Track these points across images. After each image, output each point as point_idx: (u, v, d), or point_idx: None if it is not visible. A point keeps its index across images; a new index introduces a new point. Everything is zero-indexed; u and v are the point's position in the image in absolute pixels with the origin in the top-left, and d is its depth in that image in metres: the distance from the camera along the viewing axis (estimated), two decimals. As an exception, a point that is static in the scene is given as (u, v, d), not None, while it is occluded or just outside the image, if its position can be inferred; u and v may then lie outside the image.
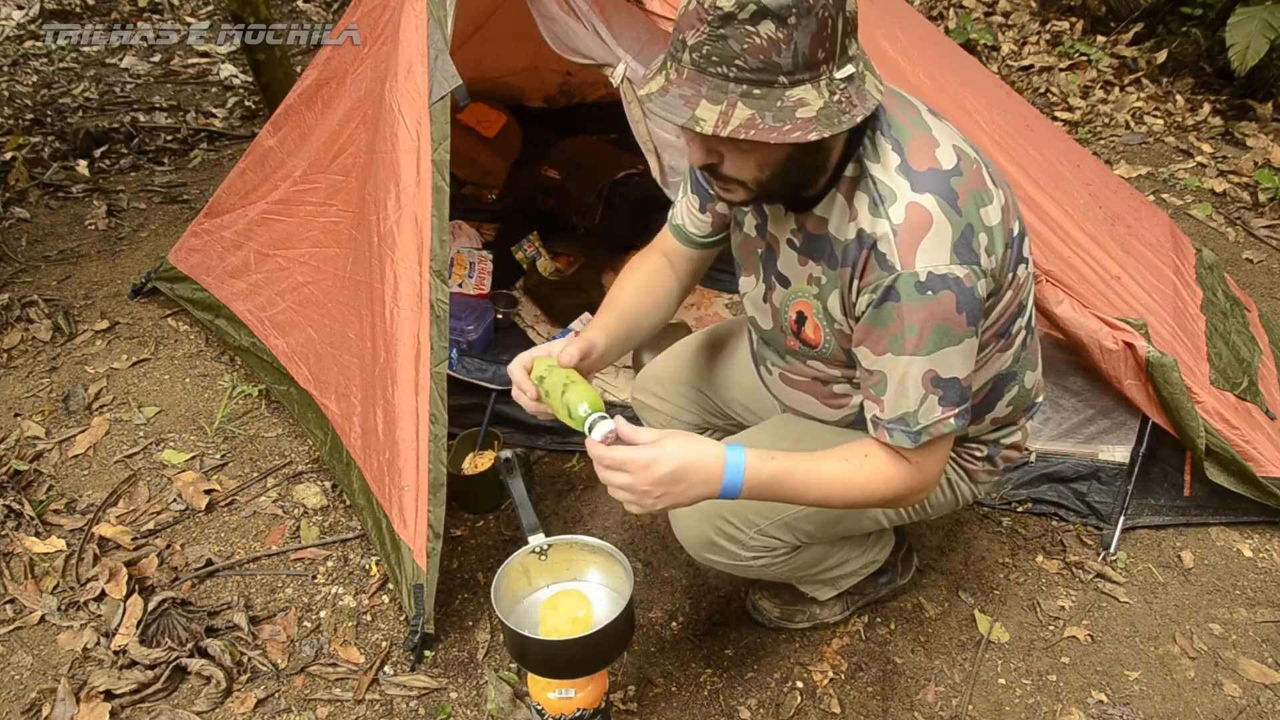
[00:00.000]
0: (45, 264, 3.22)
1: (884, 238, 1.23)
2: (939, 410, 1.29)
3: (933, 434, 1.30)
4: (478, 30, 3.25)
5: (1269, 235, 3.40)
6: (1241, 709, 1.75)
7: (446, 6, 1.89)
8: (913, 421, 1.30)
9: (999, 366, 1.47)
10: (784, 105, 1.13)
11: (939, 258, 1.22)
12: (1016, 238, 1.34)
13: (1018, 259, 1.35)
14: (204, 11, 5.77)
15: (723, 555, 1.57)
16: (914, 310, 1.23)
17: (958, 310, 1.23)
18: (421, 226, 1.87)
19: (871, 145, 1.26)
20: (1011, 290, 1.37)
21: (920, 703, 1.76)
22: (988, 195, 1.28)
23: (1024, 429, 1.63)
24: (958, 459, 1.61)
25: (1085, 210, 2.27)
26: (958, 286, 1.23)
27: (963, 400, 1.31)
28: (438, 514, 1.80)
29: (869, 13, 2.21)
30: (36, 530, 2.14)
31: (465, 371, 2.36)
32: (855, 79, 1.17)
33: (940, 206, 1.22)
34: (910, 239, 1.22)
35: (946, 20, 5.06)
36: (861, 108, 1.17)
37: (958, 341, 1.26)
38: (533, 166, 3.23)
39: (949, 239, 1.22)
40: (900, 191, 1.23)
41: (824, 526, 1.59)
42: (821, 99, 1.14)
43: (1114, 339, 1.95)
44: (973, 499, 1.68)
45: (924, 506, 1.65)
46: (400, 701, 1.77)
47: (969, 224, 1.24)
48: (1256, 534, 2.12)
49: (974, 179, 1.27)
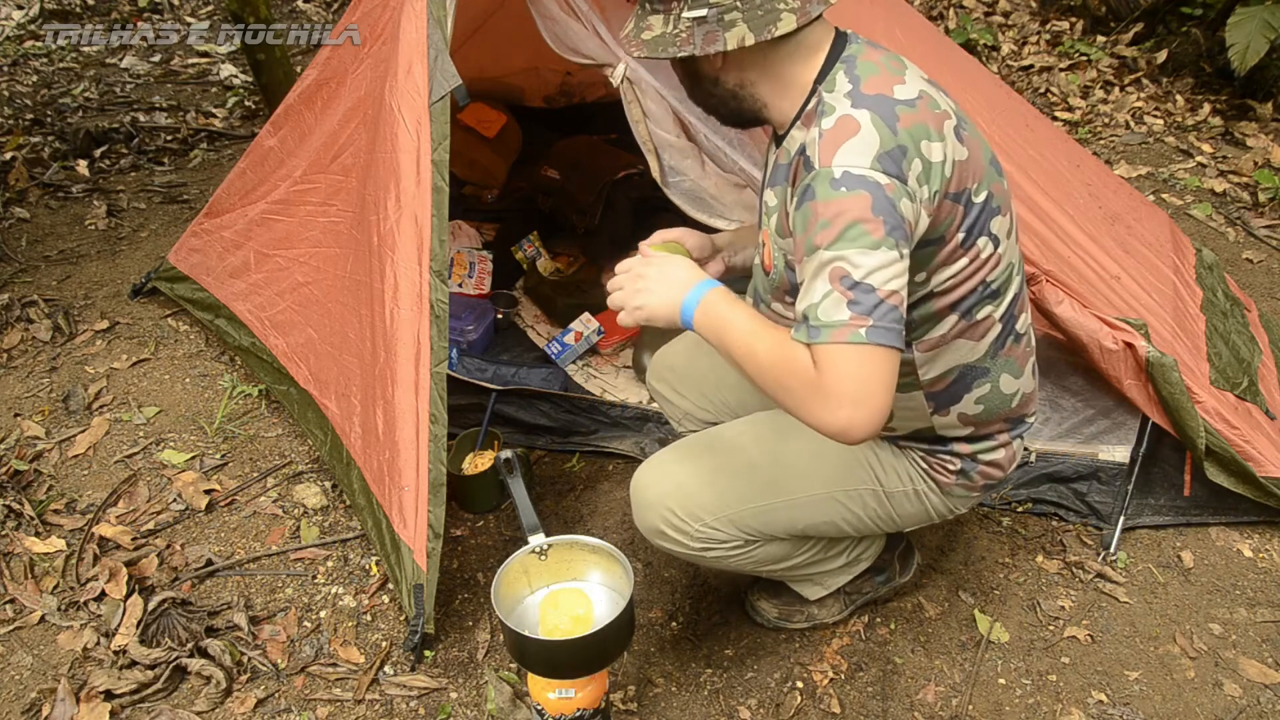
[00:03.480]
0: (45, 264, 3.22)
1: (811, 143, 1.30)
2: (846, 313, 1.22)
3: (835, 338, 1.22)
4: (478, 30, 3.25)
5: (1269, 235, 3.41)
6: (1241, 709, 1.75)
7: (446, 6, 1.89)
8: (813, 316, 1.24)
9: (965, 355, 1.46)
10: (640, 26, 1.40)
11: (859, 160, 1.24)
12: (980, 205, 1.35)
13: (979, 228, 1.36)
14: (204, 11, 5.78)
15: (673, 544, 1.58)
16: (827, 205, 1.24)
17: (873, 212, 1.22)
18: (421, 226, 1.87)
19: (830, 79, 1.35)
20: (969, 258, 1.37)
21: (920, 703, 1.76)
22: (937, 135, 1.30)
23: (1009, 448, 1.58)
24: (928, 468, 1.58)
25: (1085, 210, 2.27)
26: (875, 189, 1.23)
27: (885, 317, 1.23)
28: (438, 514, 1.80)
29: (869, 13, 2.22)
30: (36, 530, 2.14)
31: (465, 371, 2.36)
32: (707, 21, 1.33)
33: (873, 121, 1.26)
34: (833, 141, 1.27)
35: (946, 20, 5.06)
36: (697, 46, 1.34)
37: (873, 246, 1.22)
38: (533, 166, 3.23)
39: (874, 149, 1.25)
40: (839, 107, 1.30)
41: (771, 525, 1.59)
42: (663, 29, 1.36)
43: (1114, 339, 1.95)
44: (949, 513, 1.65)
45: (891, 516, 1.62)
46: (400, 701, 1.77)
47: (902, 145, 1.26)
48: (1256, 534, 2.12)
49: (930, 118, 1.30)
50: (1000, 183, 1.41)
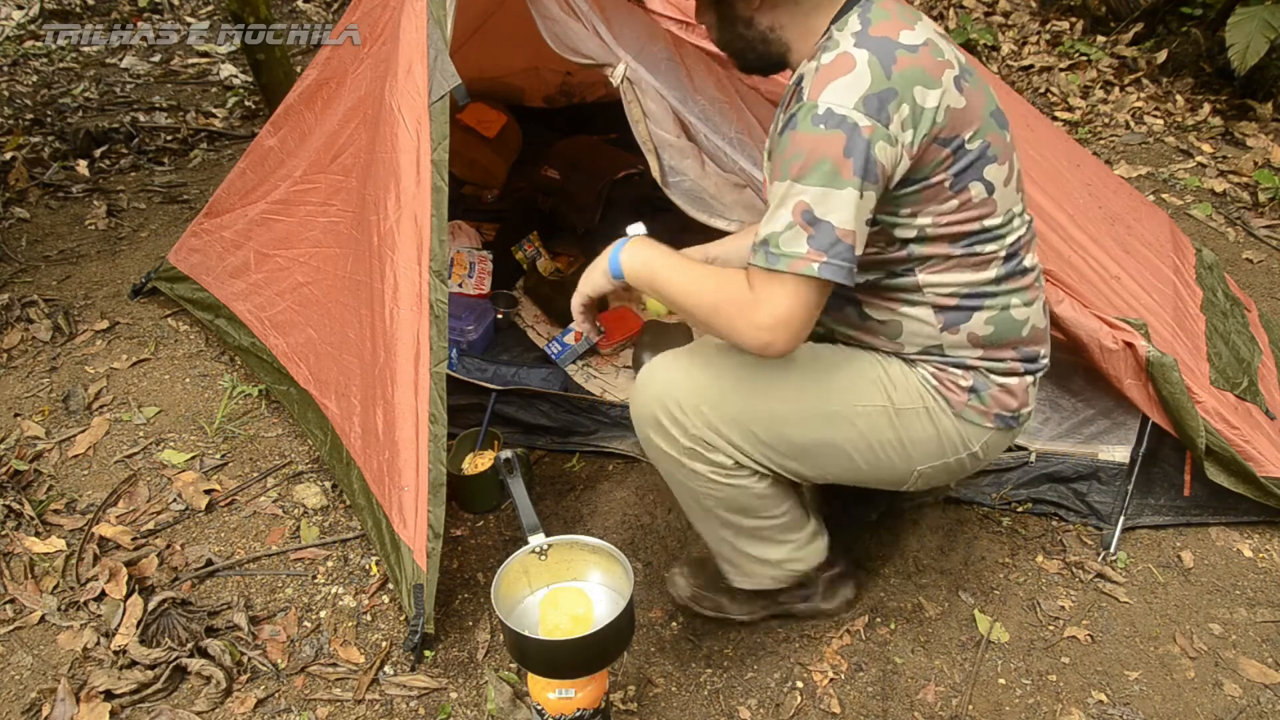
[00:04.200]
0: (45, 264, 3.22)
1: (809, 73, 1.35)
2: (805, 246, 1.30)
3: (790, 268, 1.30)
4: (478, 30, 3.25)
5: (1269, 235, 3.41)
6: (1241, 709, 1.75)
7: (446, 6, 1.89)
8: (774, 243, 1.32)
9: (971, 278, 1.48)
10: None
11: (844, 99, 1.29)
12: (973, 152, 1.39)
13: (971, 173, 1.40)
14: (204, 11, 5.78)
15: (663, 440, 1.54)
16: (804, 138, 1.30)
17: (845, 153, 1.28)
18: (421, 226, 1.87)
19: (844, 19, 1.39)
20: (958, 200, 1.41)
21: (920, 703, 1.76)
22: (935, 82, 1.34)
23: (1021, 378, 1.56)
24: (939, 384, 1.54)
25: (1085, 210, 2.28)
26: (852, 130, 1.28)
27: (838, 254, 1.30)
28: (438, 514, 1.80)
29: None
30: (36, 530, 2.14)
31: (465, 371, 2.36)
32: None
33: (869, 61, 1.31)
34: (826, 76, 1.31)
35: (946, 20, 5.06)
36: None
37: (840, 186, 1.29)
38: (533, 166, 3.23)
39: (862, 89, 1.29)
40: (843, 44, 1.34)
41: (775, 437, 1.53)
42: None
43: (1114, 339, 1.95)
44: (962, 447, 1.57)
45: (902, 441, 1.55)
46: (400, 701, 1.77)
47: (893, 89, 1.30)
48: (1256, 534, 2.12)
49: (930, 64, 1.34)
50: (1001, 135, 1.45)
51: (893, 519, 2.14)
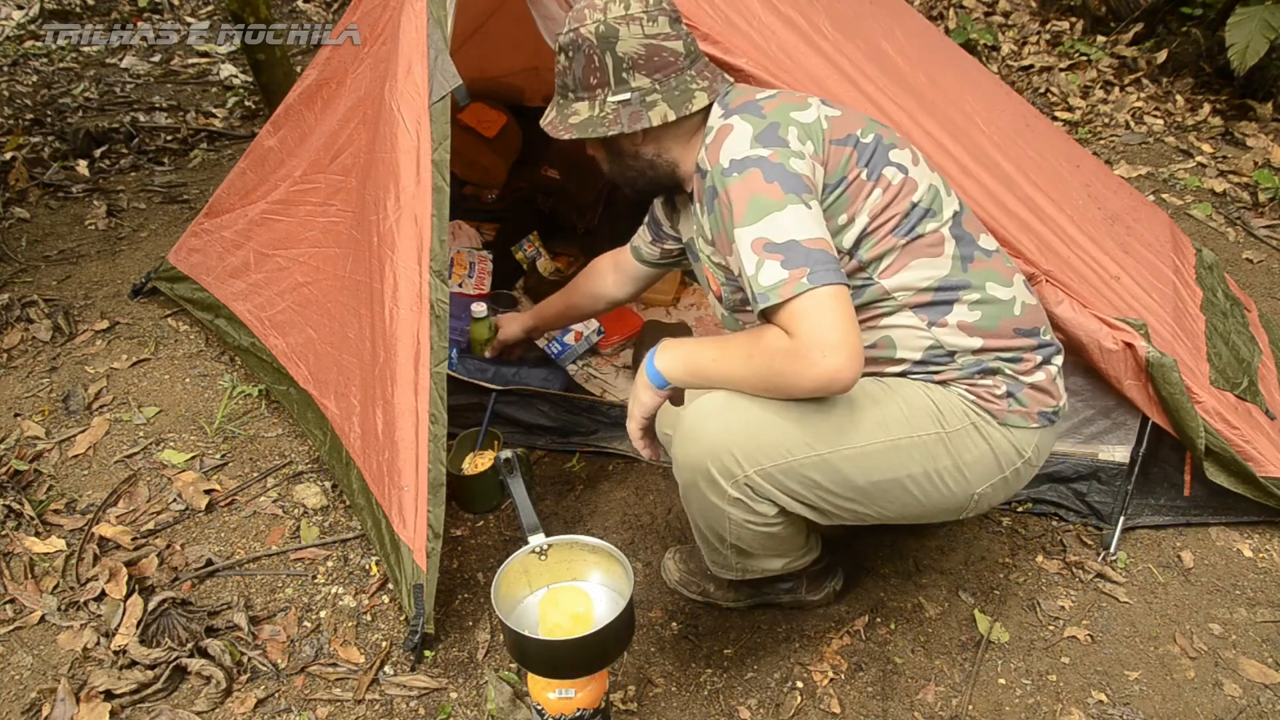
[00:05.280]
0: (45, 264, 3.22)
1: (702, 158, 1.52)
2: (783, 272, 1.33)
3: (784, 294, 1.32)
4: (478, 30, 3.25)
5: (1269, 235, 3.41)
6: (1241, 709, 1.75)
7: (446, 6, 1.89)
8: (756, 288, 1.35)
9: (933, 270, 1.50)
10: (566, 113, 1.61)
11: (740, 149, 1.43)
12: (870, 144, 1.50)
13: (880, 161, 1.49)
14: (204, 11, 5.78)
15: (709, 489, 1.51)
16: (727, 192, 1.41)
17: (766, 180, 1.39)
18: (421, 226, 1.87)
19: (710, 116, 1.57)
20: (880, 188, 1.48)
21: (920, 703, 1.76)
22: (802, 105, 1.49)
23: (1044, 369, 1.57)
24: (976, 397, 1.54)
25: (1085, 210, 2.27)
26: (761, 163, 1.40)
27: (816, 262, 1.33)
28: (437, 514, 1.80)
29: (869, 13, 2.22)
30: (36, 530, 2.14)
31: (465, 371, 2.36)
32: (630, 103, 1.55)
33: (743, 118, 1.46)
34: (715, 146, 1.46)
35: (946, 20, 5.06)
36: (624, 125, 1.55)
37: (779, 207, 1.37)
38: (533, 166, 3.23)
39: (749, 135, 1.43)
40: (715, 123, 1.52)
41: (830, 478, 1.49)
42: (590, 113, 1.58)
43: (1114, 339, 1.95)
44: (1016, 454, 1.56)
45: (959, 468, 1.53)
46: (400, 701, 1.77)
47: (774, 122, 1.44)
48: (1256, 534, 2.12)
49: (790, 99, 1.50)
50: (887, 129, 1.56)
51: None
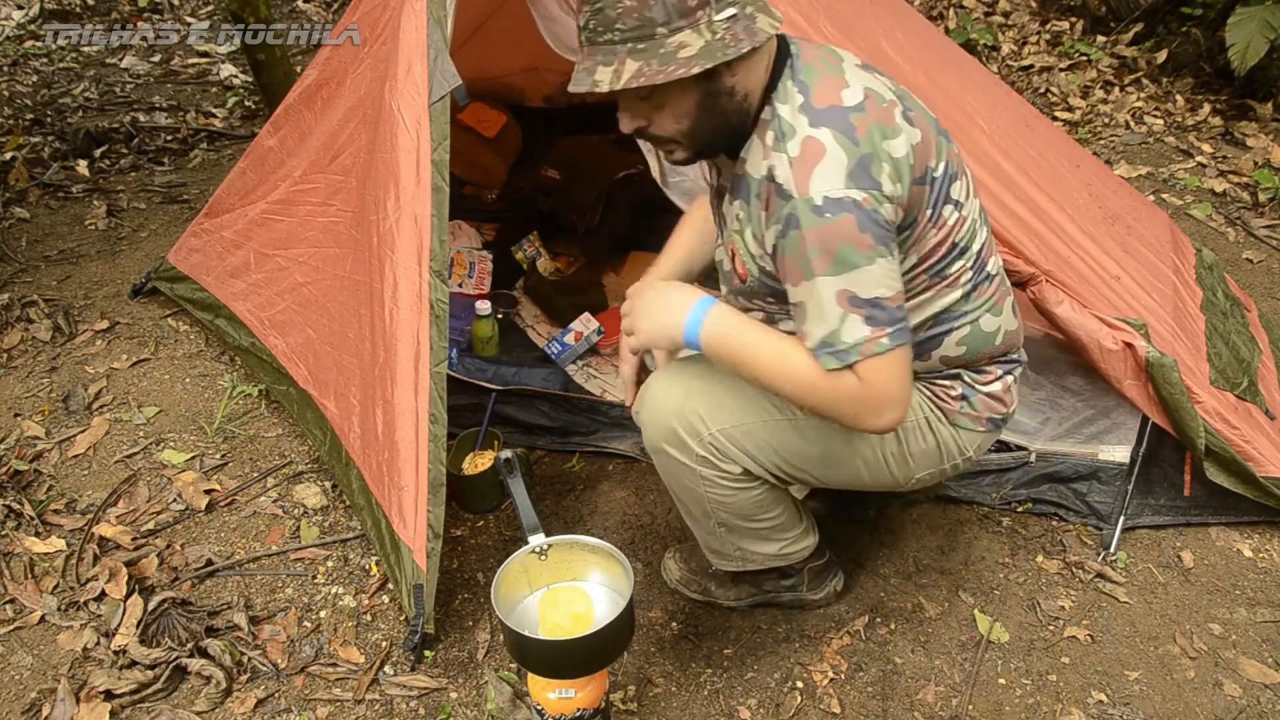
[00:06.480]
0: (45, 264, 3.22)
1: (782, 169, 1.33)
2: (867, 329, 1.31)
3: (865, 353, 1.31)
4: (478, 30, 3.25)
5: (1269, 235, 3.41)
6: (1241, 709, 1.75)
7: (446, 6, 1.89)
8: (837, 342, 1.32)
9: (941, 304, 1.50)
10: (666, 51, 1.26)
11: (834, 183, 1.29)
12: (940, 178, 1.41)
13: (942, 199, 1.41)
14: (204, 11, 5.78)
15: (677, 450, 1.55)
16: (814, 233, 1.30)
17: (860, 230, 1.29)
18: (421, 226, 1.87)
19: (781, 88, 1.36)
20: (936, 229, 1.42)
21: (920, 703, 1.76)
22: (893, 130, 1.34)
23: (1003, 380, 1.61)
24: (932, 394, 1.60)
25: (1085, 210, 2.27)
26: (856, 209, 1.29)
27: (895, 321, 1.32)
28: (437, 514, 1.80)
29: (869, 12, 2.22)
30: (36, 530, 2.14)
31: (465, 371, 2.36)
32: (739, 18, 1.28)
33: (835, 138, 1.30)
34: (804, 168, 1.30)
35: (946, 20, 5.06)
36: (749, 40, 1.28)
37: (869, 261, 1.30)
38: (533, 166, 3.23)
39: (844, 166, 1.30)
40: (799, 127, 1.33)
41: (785, 447, 1.55)
42: (703, 39, 1.26)
43: (1114, 339, 1.95)
44: (959, 454, 1.63)
45: (906, 456, 1.59)
46: (400, 701, 1.77)
47: (868, 153, 1.31)
48: (1256, 534, 2.12)
49: (880, 115, 1.34)
50: (951, 148, 1.47)
51: (893, 519, 2.14)
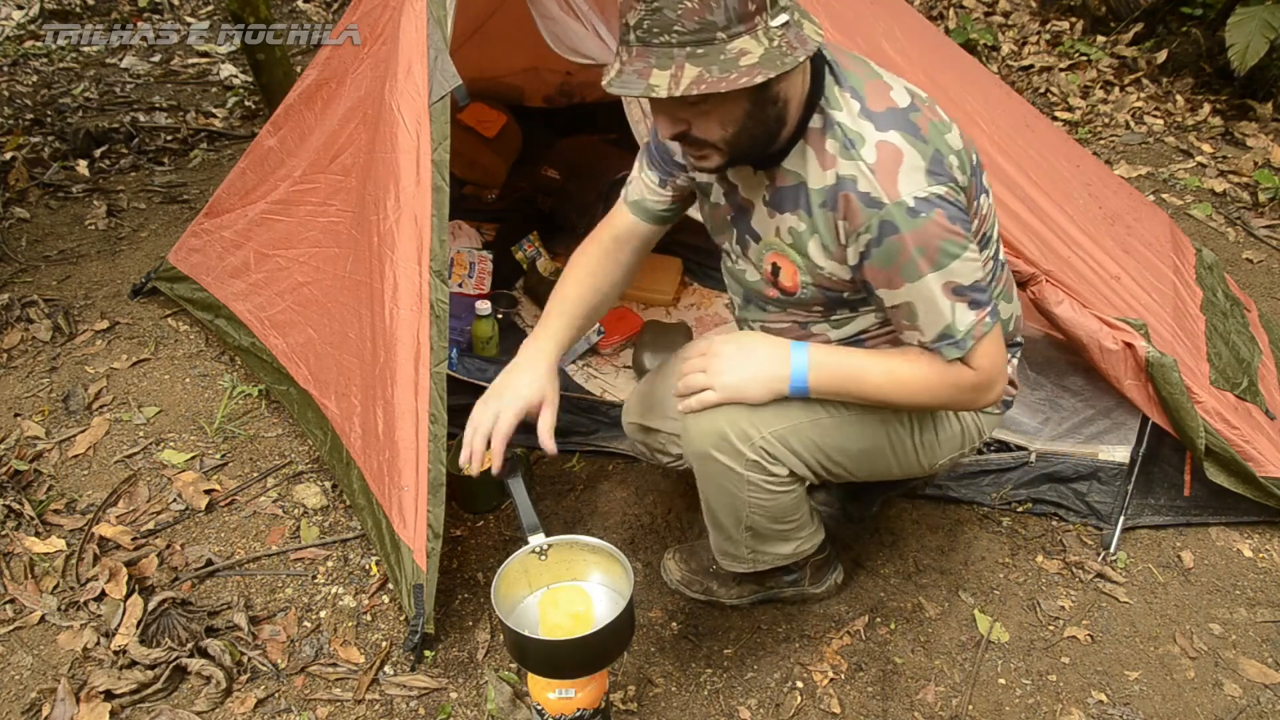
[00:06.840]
0: (45, 264, 3.22)
1: (863, 178, 1.34)
2: (973, 314, 1.40)
3: (976, 335, 1.41)
4: (478, 30, 3.25)
5: (1269, 235, 3.41)
6: (1241, 709, 1.75)
7: (446, 6, 1.89)
8: (954, 333, 1.40)
9: None
10: (727, 58, 1.22)
11: (918, 182, 1.33)
12: (976, 167, 1.46)
13: (979, 189, 1.47)
14: (204, 11, 5.77)
15: (727, 457, 1.53)
16: (914, 235, 1.34)
17: (951, 222, 1.35)
18: (421, 226, 1.87)
19: (831, 96, 1.38)
20: (977, 218, 1.47)
21: (920, 703, 1.76)
22: (946, 125, 1.41)
23: (1013, 365, 1.71)
24: None
25: (1085, 210, 2.28)
26: (944, 204, 1.34)
27: (990, 300, 1.42)
28: (437, 514, 1.80)
29: (869, 12, 2.22)
30: (36, 530, 2.14)
31: (465, 371, 2.36)
32: (791, 25, 1.27)
33: (906, 140, 1.34)
34: (886, 173, 1.33)
35: (946, 20, 5.06)
36: (803, 49, 1.26)
37: (963, 249, 1.36)
38: (533, 166, 3.23)
39: (922, 165, 1.34)
40: (867, 134, 1.35)
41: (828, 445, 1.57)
42: (762, 46, 1.23)
43: (1114, 339, 1.95)
44: (978, 436, 1.71)
45: (935, 447, 1.66)
46: (400, 701, 1.77)
47: (936, 149, 1.36)
48: (1256, 534, 2.12)
49: (929, 112, 1.41)
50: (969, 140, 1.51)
51: (893, 519, 2.14)
